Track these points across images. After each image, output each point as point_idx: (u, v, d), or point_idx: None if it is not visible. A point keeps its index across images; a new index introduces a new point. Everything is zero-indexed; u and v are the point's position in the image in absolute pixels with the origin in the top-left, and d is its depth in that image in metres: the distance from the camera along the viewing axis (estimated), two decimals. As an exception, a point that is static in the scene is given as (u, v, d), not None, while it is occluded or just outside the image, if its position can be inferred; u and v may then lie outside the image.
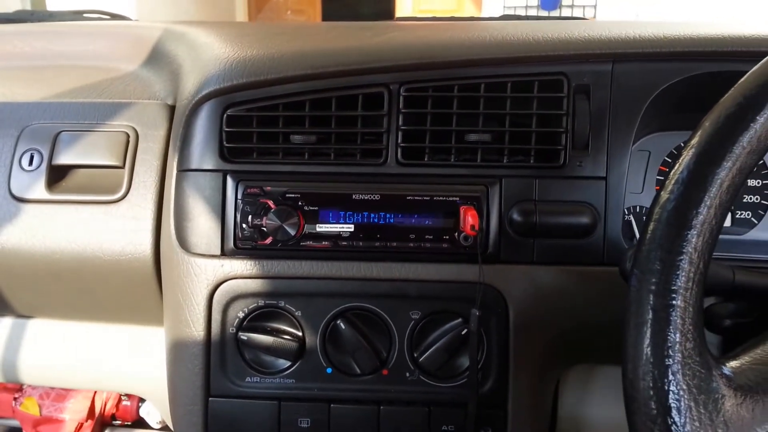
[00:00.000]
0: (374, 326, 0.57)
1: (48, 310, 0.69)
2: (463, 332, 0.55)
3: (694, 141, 0.34)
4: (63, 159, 0.61)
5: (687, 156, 0.34)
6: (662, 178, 0.64)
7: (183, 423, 0.60)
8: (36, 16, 0.85)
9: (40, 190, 0.60)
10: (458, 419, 0.57)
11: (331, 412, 0.57)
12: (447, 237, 0.56)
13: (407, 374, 0.57)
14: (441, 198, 0.56)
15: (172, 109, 0.62)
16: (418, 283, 0.56)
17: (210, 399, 0.58)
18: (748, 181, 0.65)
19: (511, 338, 0.56)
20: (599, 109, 0.55)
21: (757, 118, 0.33)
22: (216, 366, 0.58)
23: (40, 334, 0.70)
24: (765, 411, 0.32)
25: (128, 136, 0.61)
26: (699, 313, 0.33)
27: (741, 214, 0.65)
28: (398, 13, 4.22)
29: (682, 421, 0.32)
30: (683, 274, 0.33)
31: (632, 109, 0.55)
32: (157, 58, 0.69)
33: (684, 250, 0.33)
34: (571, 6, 3.47)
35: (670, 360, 0.32)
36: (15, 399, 0.97)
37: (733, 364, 0.34)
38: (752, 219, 0.65)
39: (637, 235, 0.61)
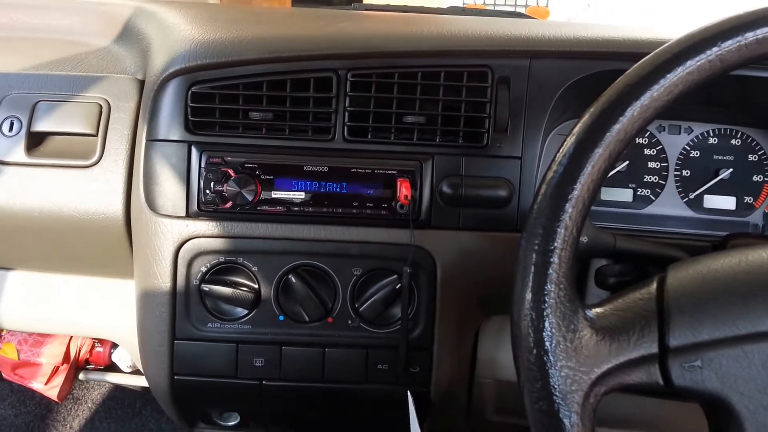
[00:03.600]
0: (321, 281, 0.65)
1: (27, 263, 0.75)
2: (398, 287, 0.64)
3: (575, 130, 0.41)
4: (41, 126, 0.66)
5: (569, 142, 0.41)
6: None
7: (151, 363, 0.68)
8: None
9: (19, 154, 0.66)
10: (392, 360, 0.66)
11: (283, 353, 0.66)
12: (385, 205, 0.64)
13: (349, 322, 0.66)
14: (381, 171, 0.64)
15: (141, 83, 0.68)
16: (360, 244, 0.64)
17: (175, 342, 0.66)
18: (649, 163, 0.76)
19: (438, 292, 0.66)
20: (517, 99, 0.64)
21: (626, 112, 0.40)
22: (181, 313, 0.65)
23: (20, 284, 0.76)
24: (619, 347, 0.40)
25: (101, 107, 0.67)
26: (571, 269, 0.41)
27: (641, 191, 0.76)
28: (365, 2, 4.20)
29: (553, 351, 0.39)
30: (559, 237, 0.40)
31: (544, 99, 0.64)
32: (128, 35, 0.74)
33: (561, 218, 0.40)
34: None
35: (545, 305, 0.40)
36: (-7, 345, 1.02)
37: (597, 310, 0.42)
38: (650, 196, 0.76)
39: None
